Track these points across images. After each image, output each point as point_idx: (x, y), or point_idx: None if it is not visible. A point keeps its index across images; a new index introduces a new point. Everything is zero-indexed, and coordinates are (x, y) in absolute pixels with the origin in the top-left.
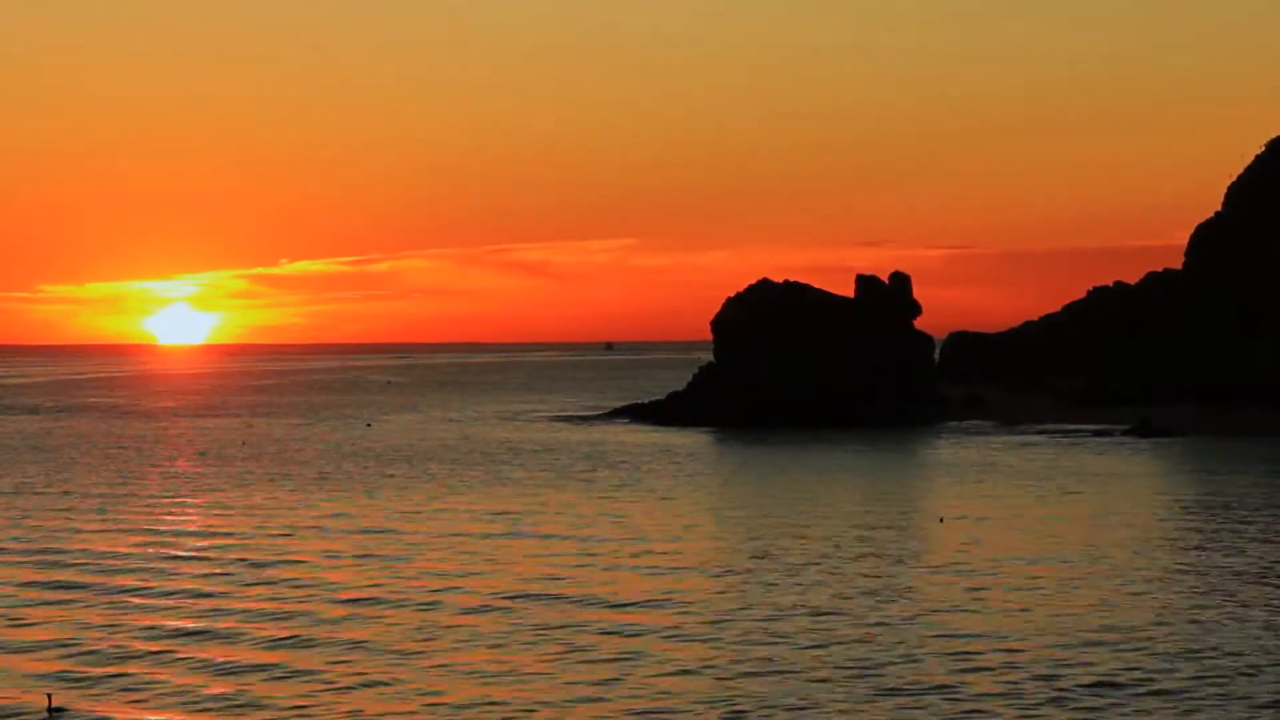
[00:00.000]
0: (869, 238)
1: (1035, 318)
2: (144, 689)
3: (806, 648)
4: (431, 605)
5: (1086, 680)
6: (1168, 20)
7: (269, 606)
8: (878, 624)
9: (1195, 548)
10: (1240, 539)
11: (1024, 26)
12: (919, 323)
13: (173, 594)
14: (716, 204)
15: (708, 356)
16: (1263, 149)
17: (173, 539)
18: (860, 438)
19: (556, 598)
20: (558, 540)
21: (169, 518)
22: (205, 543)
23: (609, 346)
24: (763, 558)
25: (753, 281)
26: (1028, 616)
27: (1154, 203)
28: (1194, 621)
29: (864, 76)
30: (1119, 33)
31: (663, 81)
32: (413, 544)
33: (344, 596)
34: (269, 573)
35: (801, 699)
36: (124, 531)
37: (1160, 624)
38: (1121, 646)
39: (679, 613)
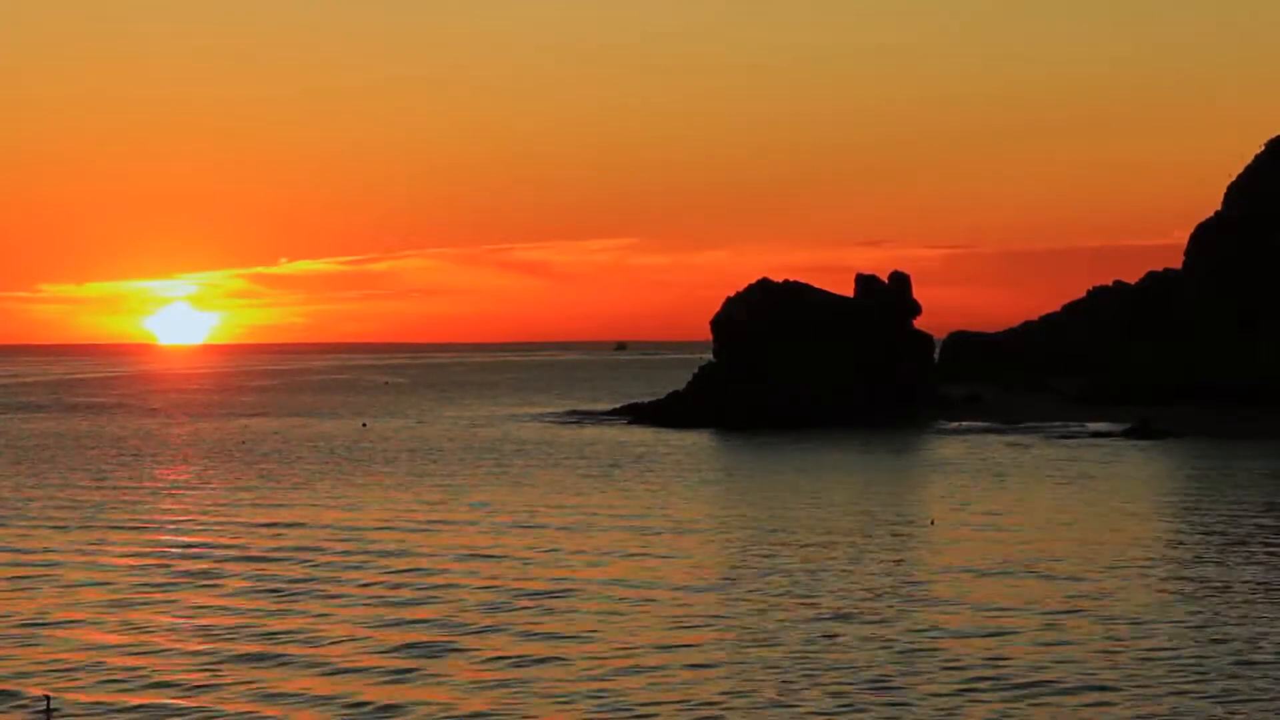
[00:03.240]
0: (869, 238)
1: (1035, 318)
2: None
3: (797, 647)
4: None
5: (1077, 682)
6: (1167, 20)
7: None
8: (869, 624)
9: (1194, 548)
10: (1240, 539)
11: (1024, 27)
12: (919, 323)
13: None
14: (716, 204)
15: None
16: (1263, 149)
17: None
18: (860, 438)
19: (549, 596)
20: (553, 539)
21: (164, 518)
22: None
23: (620, 346)
24: (758, 557)
25: (752, 281)
26: (1020, 617)
27: (1154, 203)
28: (1192, 621)
29: (863, 77)
30: (1119, 33)
31: (663, 81)
32: (412, 542)
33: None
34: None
35: (786, 696)
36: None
37: (1157, 625)
38: (1116, 648)
39: (676, 612)
